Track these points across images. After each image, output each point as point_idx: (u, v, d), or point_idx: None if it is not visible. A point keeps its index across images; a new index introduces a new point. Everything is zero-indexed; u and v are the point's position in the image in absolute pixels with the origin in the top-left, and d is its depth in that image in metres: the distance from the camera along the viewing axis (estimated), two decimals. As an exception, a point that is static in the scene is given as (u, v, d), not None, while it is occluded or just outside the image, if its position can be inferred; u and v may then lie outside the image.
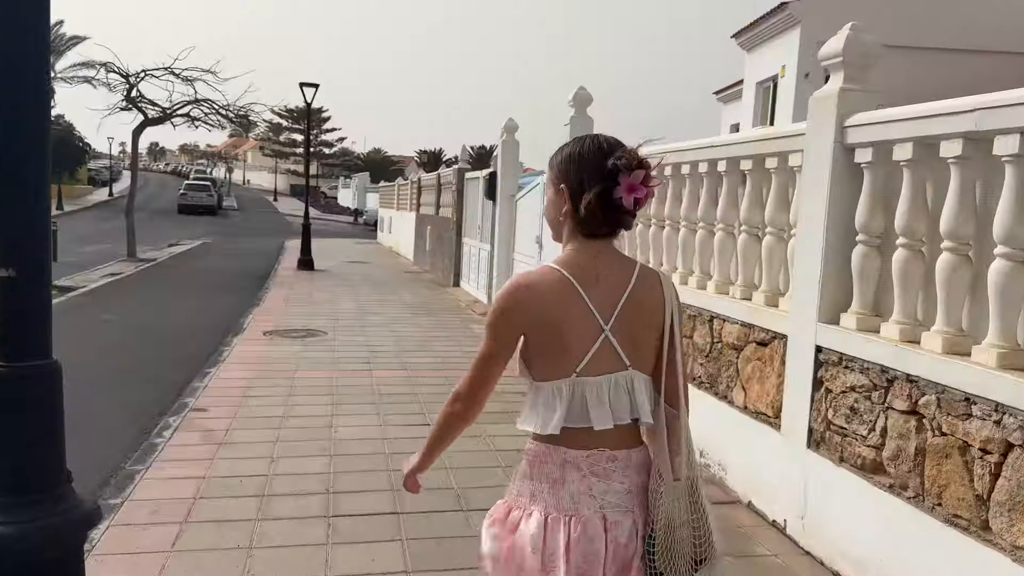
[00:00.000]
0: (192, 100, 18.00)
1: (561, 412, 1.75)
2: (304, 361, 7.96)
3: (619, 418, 1.78)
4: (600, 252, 1.82)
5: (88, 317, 10.29)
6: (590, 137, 1.87)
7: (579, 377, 1.76)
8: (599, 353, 1.76)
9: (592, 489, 1.78)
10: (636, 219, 1.88)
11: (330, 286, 14.72)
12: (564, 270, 1.79)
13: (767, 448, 4.35)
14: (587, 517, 1.77)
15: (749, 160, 4.76)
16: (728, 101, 28.03)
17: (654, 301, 1.84)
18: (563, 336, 1.76)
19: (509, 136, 11.56)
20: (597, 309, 1.77)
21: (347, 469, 4.85)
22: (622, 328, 1.78)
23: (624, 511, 1.81)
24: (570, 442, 1.78)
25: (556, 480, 1.79)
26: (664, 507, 1.79)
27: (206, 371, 7.36)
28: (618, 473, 1.80)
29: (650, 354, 1.84)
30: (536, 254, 9.99)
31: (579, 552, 1.76)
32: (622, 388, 1.78)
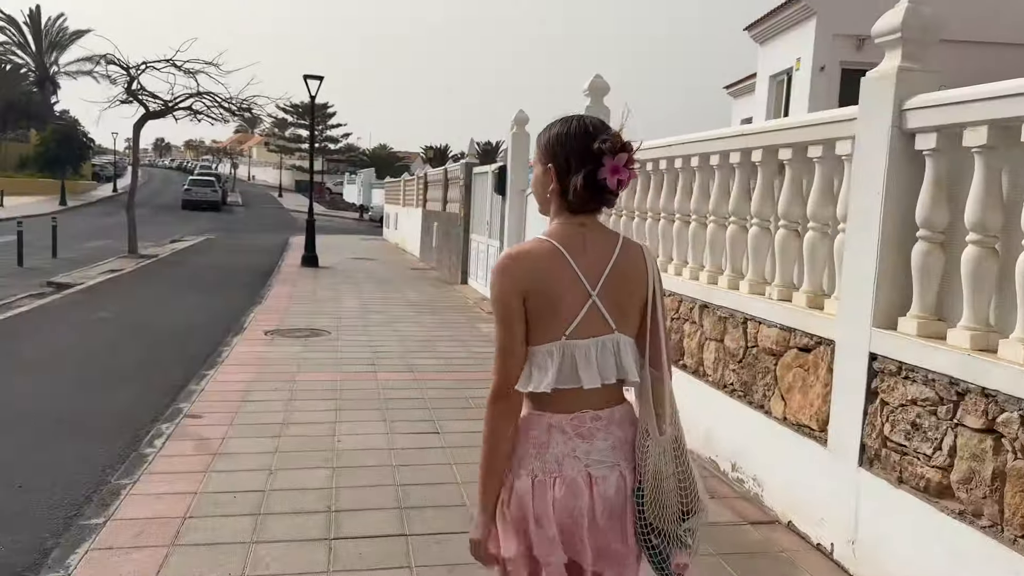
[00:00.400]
0: (194, 93, 17.64)
1: (553, 372, 1.83)
2: (306, 362, 7.60)
3: (606, 377, 1.87)
4: (586, 225, 1.92)
5: (83, 315, 9.94)
6: (576, 118, 1.93)
7: (568, 340, 1.85)
8: (587, 317, 1.86)
9: (576, 451, 1.87)
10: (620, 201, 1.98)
11: (334, 283, 14.36)
12: (553, 240, 1.89)
13: (811, 464, 3.96)
14: (571, 477, 1.86)
15: (788, 149, 4.37)
16: (739, 95, 27.55)
17: (637, 271, 1.94)
18: (553, 301, 1.84)
19: (519, 128, 11.17)
20: (584, 276, 1.87)
21: (350, 483, 4.48)
22: (608, 294, 1.88)
23: (610, 466, 1.89)
24: (557, 406, 1.88)
25: (542, 444, 1.88)
26: (651, 460, 1.89)
27: (203, 373, 7.00)
28: (601, 432, 1.90)
29: (634, 319, 1.93)
30: (548, 251, 9.61)
31: (564, 511, 1.85)
32: (609, 350, 1.87)
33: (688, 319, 5.38)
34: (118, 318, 9.87)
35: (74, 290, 12.25)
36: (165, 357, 7.78)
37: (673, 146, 5.69)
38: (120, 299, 11.55)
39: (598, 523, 1.88)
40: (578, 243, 1.89)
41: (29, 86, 50.45)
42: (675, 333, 5.56)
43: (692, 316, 5.32)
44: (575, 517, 1.86)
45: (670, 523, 1.90)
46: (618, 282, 1.90)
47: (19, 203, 36.07)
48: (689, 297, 5.39)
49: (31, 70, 50.82)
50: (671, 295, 5.69)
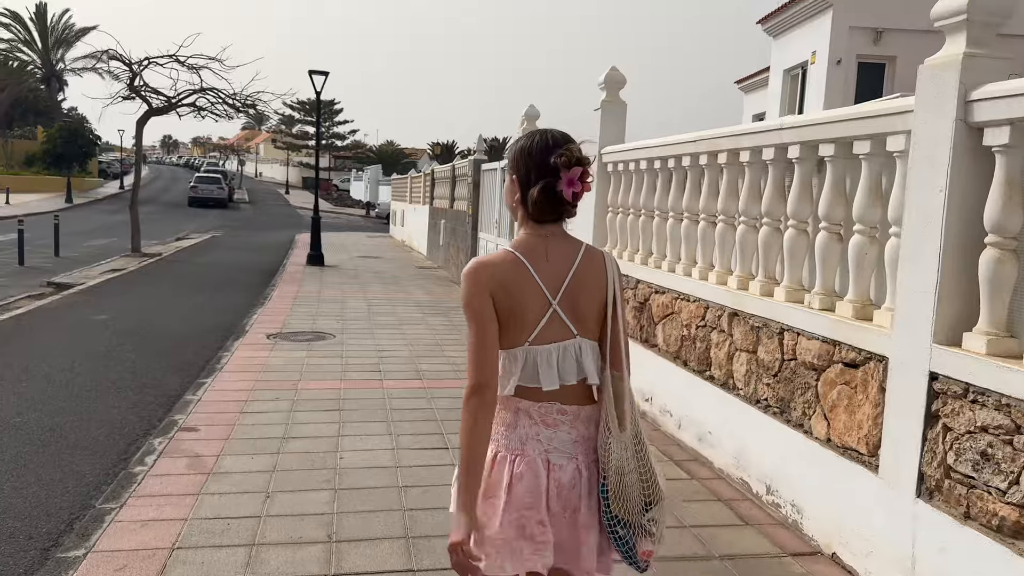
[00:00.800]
0: (198, 89, 17.31)
1: (516, 376, 1.98)
2: (309, 369, 7.26)
3: (566, 380, 1.99)
4: (549, 235, 2.02)
5: (80, 318, 9.63)
6: (540, 133, 2.04)
7: (531, 346, 1.97)
8: (549, 324, 1.97)
9: (539, 435, 1.99)
10: (577, 208, 2.05)
11: (339, 283, 14.03)
12: (516, 251, 1.99)
13: (860, 492, 3.60)
14: (531, 458, 1.97)
15: (830, 144, 3.99)
16: (751, 90, 27.10)
17: (598, 277, 2.04)
18: (517, 310, 1.95)
19: (530, 124, 10.79)
20: (546, 285, 1.98)
21: (353, 508, 4.13)
22: (569, 301, 1.99)
23: (568, 457, 2.00)
24: (528, 395, 2.00)
25: (510, 424, 2.00)
26: (614, 456, 1.98)
27: (201, 381, 6.67)
28: (566, 425, 2.01)
29: (595, 323, 2.04)
30: (560, 251, 9.25)
31: (523, 487, 1.95)
32: (571, 354, 1.99)
33: (715, 327, 5.02)
34: (116, 321, 9.56)
35: (73, 291, 11.95)
36: (162, 363, 7.45)
37: (699, 142, 5.32)
38: (119, 300, 11.25)
39: (551, 507, 1.98)
40: (540, 252, 2.00)
41: (36, 83, 50.31)
42: (700, 342, 5.20)
43: (720, 324, 4.96)
44: (534, 495, 1.95)
45: (634, 514, 2.00)
46: (579, 289, 2.01)
47: (25, 200, 35.91)
48: (716, 304, 5.03)
49: (37, 67, 50.66)
50: (696, 300, 5.33)
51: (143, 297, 11.68)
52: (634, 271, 6.49)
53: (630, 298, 6.51)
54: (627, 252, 6.78)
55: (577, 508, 1.99)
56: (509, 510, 1.95)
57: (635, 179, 6.69)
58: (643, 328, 6.21)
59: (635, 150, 6.52)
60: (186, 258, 17.91)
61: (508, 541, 1.94)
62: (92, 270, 14.69)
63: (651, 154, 6.18)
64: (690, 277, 5.51)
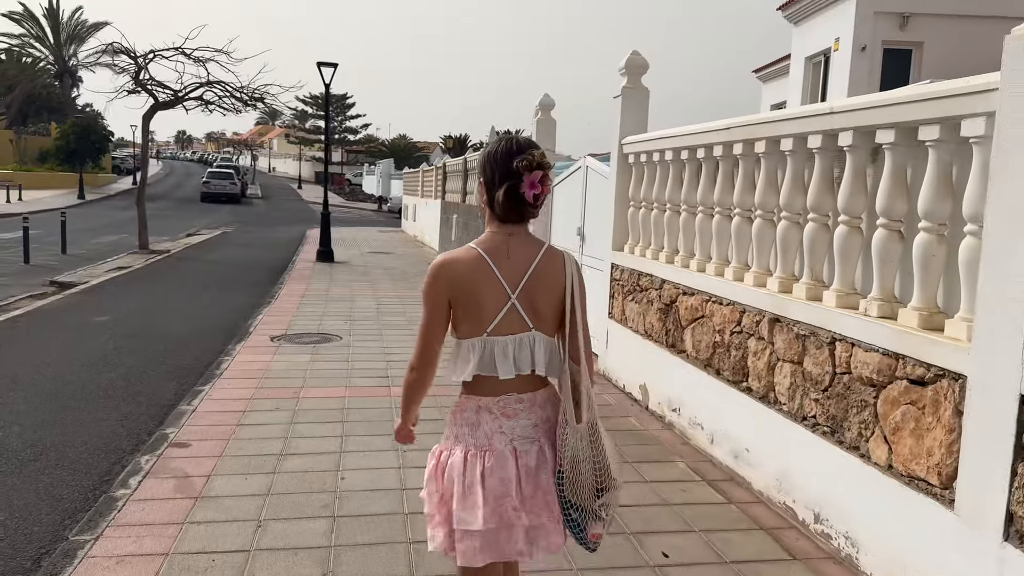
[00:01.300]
0: (205, 82, 16.93)
1: (473, 363, 2.15)
2: (313, 374, 6.86)
3: (520, 369, 2.17)
4: (512, 234, 2.18)
5: (79, 319, 9.28)
6: (505, 139, 2.20)
7: (489, 336, 2.14)
8: (507, 317, 2.14)
9: (502, 427, 2.17)
10: (538, 209, 2.16)
11: (348, 280, 13.64)
12: (480, 248, 2.16)
13: (930, 528, 3.13)
14: (499, 451, 2.15)
15: (889, 131, 3.52)
16: (769, 79, 26.46)
17: (556, 275, 2.20)
18: (477, 303, 2.13)
19: (544, 114, 10.33)
20: (506, 281, 2.14)
21: (353, 540, 3.71)
22: (526, 297, 2.16)
23: (531, 441, 2.19)
24: (485, 391, 2.18)
25: (473, 423, 2.19)
26: (569, 447, 2.14)
27: (198, 389, 6.28)
28: (524, 412, 2.20)
29: (553, 319, 2.20)
30: (579, 247, 8.78)
31: (495, 479, 2.12)
32: (526, 346, 2.16)
33: (753, 334, 4.56)
34: (116, 322, 9.20)
35: (76, 290, 11.62)
36: (159, 369, 7.07)
37: (733, 129, 4.85)
38: (122, 300, 10.91)
39: (523, 490, 2.12)
40: (502, 250, 2.14)
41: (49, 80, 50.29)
42: (736, 350, 4.73)
43: (759, 331, 4.49)
44: (505, 484, 2.11)
45: (587, 500, 2.13)
46: (537, 286, 2.15)
47: (38, 196, 35.81)
48: (754, 308, 4.56)
49: (50, 64, 50.62)
50: (730, 304, 4.86)
51: (147, 296, 11.33)
52: (659, 270, 6.02)
53: (655, 299, 6.06)
54: (651, 250, 6.32)
55: (549, 489, 2.16)
56: (488, 502, 2.10)
57: (659, 171, 6.22)
58: (669, 332, 5.75)
59: (660, 139, 6.05)
60: (194, 255, 17.59)
61: (491, 533, 2.10)
62: (97, 268, 14.38)
63: (678, 144, 5.71)
64: (723, 278, 5.04)
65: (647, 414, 5.99)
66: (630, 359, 6.56)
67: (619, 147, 6.97)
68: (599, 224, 8.13)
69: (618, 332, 6.88)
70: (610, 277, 7.13)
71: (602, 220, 7.96)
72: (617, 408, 6.15)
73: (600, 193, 8.18)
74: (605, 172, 8.13)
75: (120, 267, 14.57)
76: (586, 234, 8.63)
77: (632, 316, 6.54)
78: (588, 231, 8.57)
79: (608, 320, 7.13)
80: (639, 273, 6.43)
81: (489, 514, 2.08)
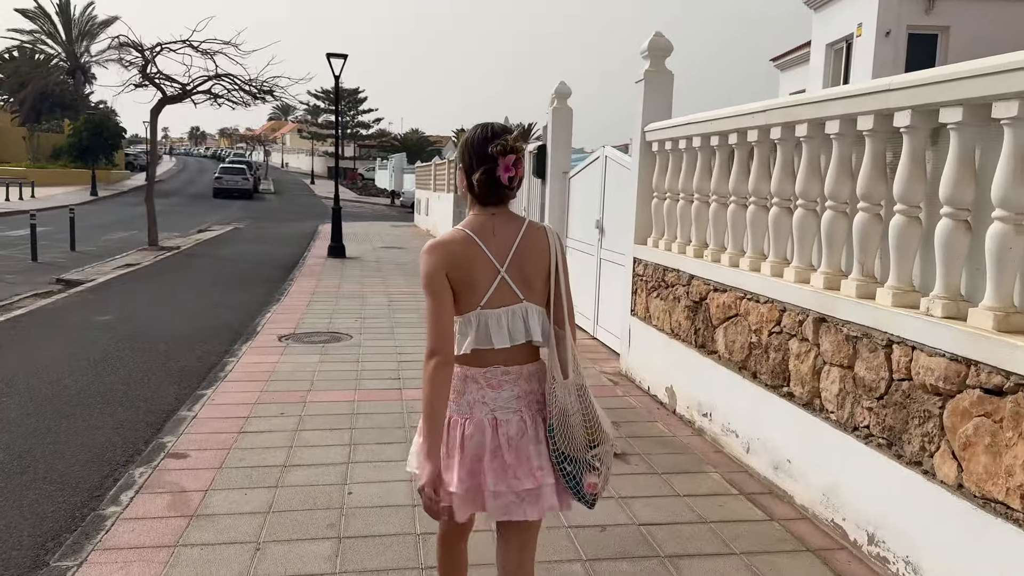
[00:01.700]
0: (213, 75, 16.64)
1: (472, 336, 2.24)
2: (321, 377, 6.54)
3: (515, 339, 2.26)
4: (495, 214, 2.30)
5: (82, 319, 9.01)
6: (483, 126, 2.31)
7: (483, 310, 2.24)
8: (498, 291, 2.25)
9: (485, 398, 2.27)
10: (514, 191, 2.27)
11: (360, 276, 13.34)
12: (467, 229, 2.28)
13: (1013, 558, 2.76)
14: (478, 419, 2.25)
15: (955, 108, 3.13)
16: (787, 68, 25.90)
17: (540, 248, 2.32)
18: (469, 279, 2.23)
19: (561, 103, 9.94)
20: (494, 256, 2.25)
21: (361, 565, 3.38)
22: (515, 270, 2.27)
23: (512, 411, 2.27)
24: (474, 362, 2.27)
25: (459, 392, 2.28)
26: (558, 400, 2.26)
27: (200, 393, 5.97)
28: (509, 384, 2.29)
29: (541, 288, 2.31)
30: (597, 241, 8.41)
31: (472, 444, 2.24)
32: (519, 316, 2.27)
33: (795, 335, 4.18)
34: (120, 322, 8.93)
35: (82, 288, 11.38)
36: (161, 371, 6.78)
37: (771, 111, 4.46)
38: (128, 298, 10.64)
39: (504, 458, 2.22)
40: (488, 230, 2.27)
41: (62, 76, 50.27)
42: (775, 352, 4.36)
43: (802, 332, 4.11)
44: (478, 451, 2.24)
45: (579, 451, 2.25)
46: (523, 259, 2.27)
47: (51, 193, 35.80)
48: (796, 306, 4.19)
49: (62, 60, 50.62)
50: (768, 302, 4.49)
51: (153, 295, 11.06)
52: (686, 265, 5.65)
53: (682, 296, 5.68)
54: (677, 244, 5.94)
55: (527, 454, 2.24)
56: (464, 464, 2.23)
57: (687, 159, 5.84)
58: (698, 332, 5.38)
59: (687, 125, 5.67)
60: (204, 251, 17.34)
61: (465, 491, 2.21)
62: (105, 265, 14.15)
63: (707, 129, 5.33)
64: (759, 273, 4.67)
65: (675, 419, 5.63)
66: (655, 359, 6.19)
67: (641, 135, 6.59)
68: (619, 217, 7.76)
69: (641, 330, 6.51)
70: (632, 273, 6.76)
71: (622, 212, 7.59)
72: (642, 412, 5.79)
73: (620, 184, 7.81)
74: (626, 162, 7.76)
75: (128, 264, 14.34)
76: (605, 227, 8.26)
77: (657, 314, 6.17)
78: (607, 224, 8.20)
79: (630, 318, 6.76)
80: (664, 268, 6.06)
81: (465, 476, 2.22)
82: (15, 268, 13.70)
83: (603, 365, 7.23)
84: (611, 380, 6.71)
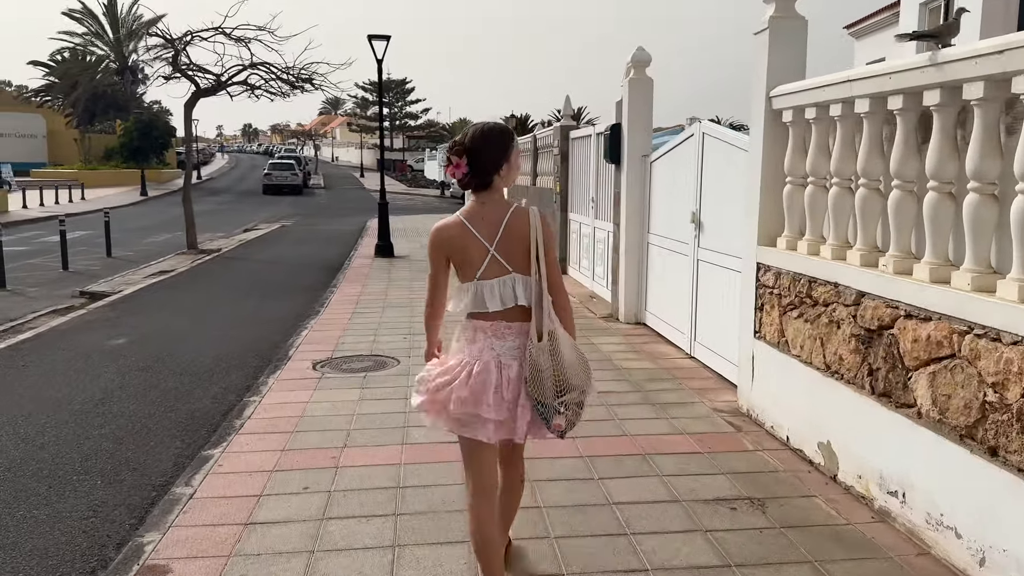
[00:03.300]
0: (248, 65, 15.49)
1: (467, 301, 2.81)
2: (360, 423, 5.18)
3: (505, 303, 2.79)
4: (484, 201, 2.85)
5: (92, 344, 7.85)
6: (473, 126, 2.90)
7: (479, 281, 2.80)
8: (490, 265, 2.79)
9: (492, 345, 2.80)
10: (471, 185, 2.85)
11: (409, 279, 12.01)
12: (462, 216, 2.83)
13: None
14: (486, 361, 2.78)
15: None
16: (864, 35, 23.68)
17: (522, 228, 2.80)
18: (465, 257, 2.80)
19: (639, 72, 8.35)
20: (484, 238, 2.79)
21: None
22: (502, 248, 2.79)
23: (513, 358, 2.80)
24: (483, 318, 2.82)
25: (471, 340, 2.84)
26: (532, 358, 2.76)
27: (207, 454, 4.67)
28: (510, 337, 2.81)
29: (525, 261, 2.80)
30: (692, 238, 6.87)
31: (479, 380, 2.75)
32: (508, 285, 2.80)
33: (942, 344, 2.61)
34: (134, 346, 7.74)
35: (104, 303, 10.29)
36: (167, 417, 5.51)
37: (1009, 52, 2.87)
38: (151, 315, 9.49)
39: (503, 394, 2.76)
40: (478, 215, 2.81)
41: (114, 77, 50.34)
42: (909, 366, 2.79)
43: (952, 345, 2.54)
44: (484, 386, 2.74)
45: (548, 398, 2.76)
46: (508, 238, 2.79)
47: (101, 195, 35.57)
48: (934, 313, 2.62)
49: (112, 61, 50.70)
50: (1017, 343, 2.91)
51: (180, 309, 9.89)
52: (848, 276, 4.09)
53: (843, 320, 4.12)
54: (830, 246, 4.36)
55: (516, 396, 2.77)
56: (470, 389, 2.74)
57: (842, 130, 4.27)
58: (877, 373, 3.82)
59: (845, 83, 4.09)
60: (245, 254, 16.26)
61: (464, 415, 2.76)
62: (137, 273, 13.11)
63: (883, 87, 3.75)
64: (994, 298, 3.09)
65: (838, 490, 4.09)
66: (796, 400, 4.65)
67: (766, 101, 5.02)
68: (724, 208, 6.20)
69: (772, 359, 4.97)
70: (756, 281, 5.21)
71: (729, 202, 6.04)
72: (787, 478, 4.26)
73: (725, 167, 6.25)
74: (733, 139, 6.18)
75: (162, 272, 13.29)
76: (704, 221, 6.70)
77: (799, 340, 4.62)
78: (707, 217, 6.64)
79: (754, 341, 5.22)
80: (810, 279, 4.50)
81: (468, 395, 2.74)
82: (41, 279, 12.76)
83: (712, 398, 5.71)
84: (730, 423, 5.18)
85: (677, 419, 5.27)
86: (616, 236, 8.97)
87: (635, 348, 7.37)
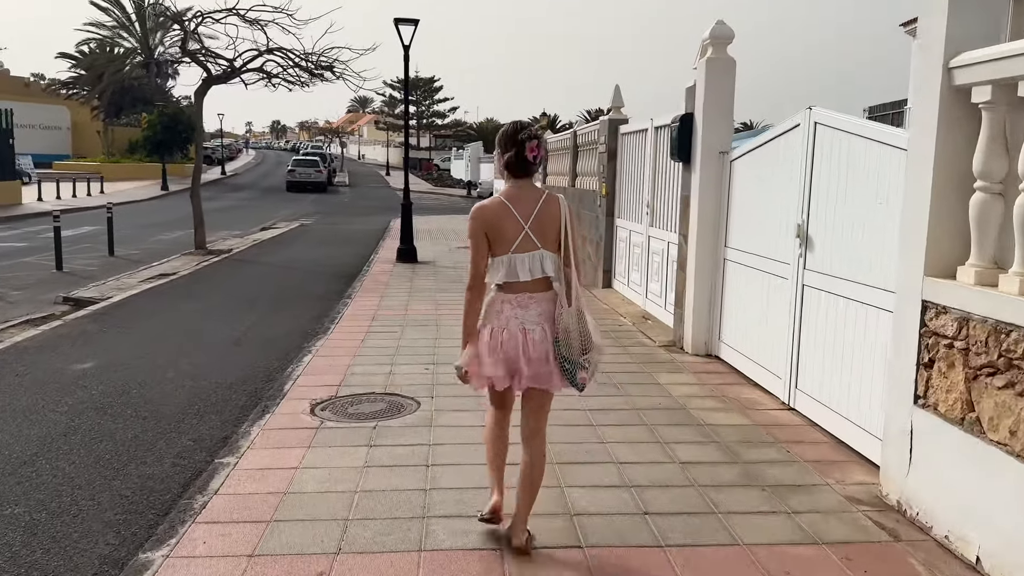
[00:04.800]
0: (265, 50, 14.22)
1: (503, 272, 3.27)
2: (362, 512, 3.77)
3: (534, 274, 3.28)
4: (522, 186, 3.33)
5: (53, 368, 6.53)
6: (512, 123, 3.38)
7: (512, 254, 3.26)
8: (523, 241, 3.24)
9: (517, 315, 3.27)
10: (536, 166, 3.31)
11: (433, 290, 10.62)
12: (503, 197, 3.30)
13: None
14: (512, 330, 3.26)
15: None
16: (927, 30, 21.98)
17: (554, 212, 3.30)
18: (502, 233, 3.25)
19: (718, 51, 6.86)
20: (520, 217, 3.25)
21: None
22: (535, 227, 3.25)
23: (536, 324, 3.27)
24: (509, 290, 3.29)
25: (498, 311, 3.30)
26: (563, 321, 3.25)
27: (143, 560, 3.29)
28: (533, 306, 3.29)
29: (553, 241, 3.29)
30: (796, 257, 5.40)
31: (509, 345, 3.25)
32: (536, 259, 3.27)
33: None
34: (100, 374, 6.41)
35: (87, 312, 9.00)
36: (106, 491, 4.15)
37: None
38: (133, 330, 8.17)
39: (531, 356, 3.24)
40: (516, 197, 3.29)
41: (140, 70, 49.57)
42: None
43: None
44: (515, 352, 3.24)
45: (575, 355, 3.24)
46: (541, 219, 3.27)
47: (121, 188, 34.72)
48: None
49: (138, 53, 49.96)
50: None
51: (167, 324, 8.56)
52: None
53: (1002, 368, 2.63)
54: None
55: (544, 354, 3.25)
56: (498, 357, 3.25)
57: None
58: None
59: None
60: (257, 256, 14.98)
61: (501, 372, 3.27)
62: (133, 277, 11.85)
63: None
64: None
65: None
66: (1000, 511, 3.16)
67: (945, 73, 3.55)
68: (845, 219, 4.75)
69: (950, 441, 3.48)
70: (921, 327, 3.72)
71: (857, 212, 4.58)
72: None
73: (847, 168, 4.78)
74: (874, 132, 4.70)
75: (162, 274, 12.03)
76: (813, 236, 5.22)
77: (1006, 421, 3.13)
78: (817, 231, 5.16)
79: (914, 409, 3.73)
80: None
81: (500, 363, 3.25)
82: (29, 281, 11.54)
83: (839, 477, 4.23)
84: (878, 523, 3.70)
85: (802, 514, 3.79)
86: (682, 249, 7.48)
87: (714, 392, 5.89)
